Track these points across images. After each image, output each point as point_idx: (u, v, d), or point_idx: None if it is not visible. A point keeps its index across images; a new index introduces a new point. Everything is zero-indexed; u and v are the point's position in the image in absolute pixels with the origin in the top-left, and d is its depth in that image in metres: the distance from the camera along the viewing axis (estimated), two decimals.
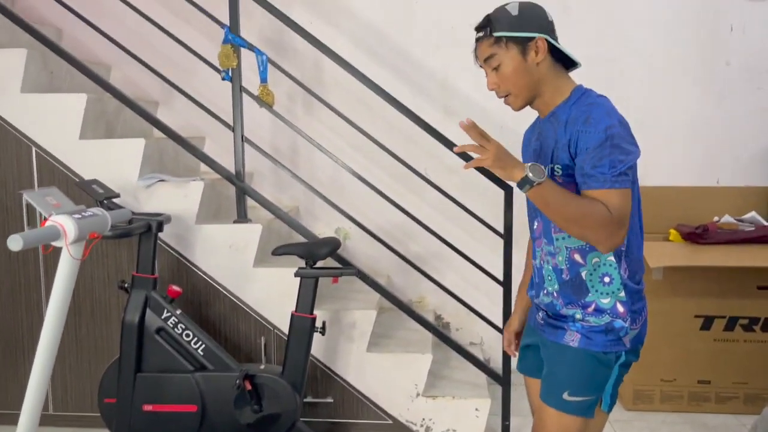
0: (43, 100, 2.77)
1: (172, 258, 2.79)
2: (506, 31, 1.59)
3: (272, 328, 2.79)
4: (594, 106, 1.56)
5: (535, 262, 1.73)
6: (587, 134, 1.52)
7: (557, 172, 1.59)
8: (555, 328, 1.68)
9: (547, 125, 1.66)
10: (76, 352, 2.87)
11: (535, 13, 1.63)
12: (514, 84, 1.62)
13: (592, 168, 1.50)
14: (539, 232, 1.70)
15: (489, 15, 1.65)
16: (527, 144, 1.79)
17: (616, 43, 3.36)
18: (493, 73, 1.63)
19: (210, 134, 3.43)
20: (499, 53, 1.60)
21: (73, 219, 1.79)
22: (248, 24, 3.20)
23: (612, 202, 1.49)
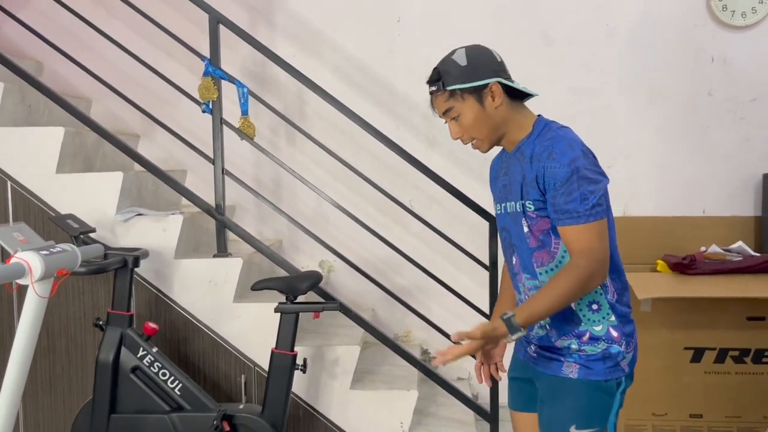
0: (20, 133, 2.72)
1: (150, 294, 2.72)
2: (459, 84, 1.61)
3: (253, 365, 2.71)
4: (556, 140, 1.57)
5: (520, 296, 1.71)
6: (553, 170, 1.53)
7: (529, 207, 1.60)
8: (549, 360, 1.66)
9: (513, 160, 1.67)
10: (50, 393, 2.77)
11: (484, 58, 1.65)
12: (477, 131, 1.64)
13: (565, 204, 1.53)
14: (518, 267, 1.69)
15: (438, 68, 1.66)
16: (495, 177, 1.79)
17: (599, 75, 3.37)
18: (454, 122, 1.65)
19: (192, 167, 3.39)
20: (456, 106, 1.62)
21: (39, 255, 1.73)
22: (231, 56, 3.19)
23: (583, 233, 1.52)
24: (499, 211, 1.74)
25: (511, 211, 1.66)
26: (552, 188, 1.54)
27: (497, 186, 1.75)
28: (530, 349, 1.72)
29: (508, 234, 1.69)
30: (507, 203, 1.68)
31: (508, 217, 1.68)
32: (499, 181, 1.74)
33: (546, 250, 1.62)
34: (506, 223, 1.70)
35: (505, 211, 1.70)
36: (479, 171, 3.33)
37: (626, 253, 3.24)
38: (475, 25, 3.38)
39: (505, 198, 1.69)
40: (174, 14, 3.21)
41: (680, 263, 3.05)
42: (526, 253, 1.64)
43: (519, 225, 1.64)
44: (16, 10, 3.18)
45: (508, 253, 1.74)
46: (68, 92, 3.32)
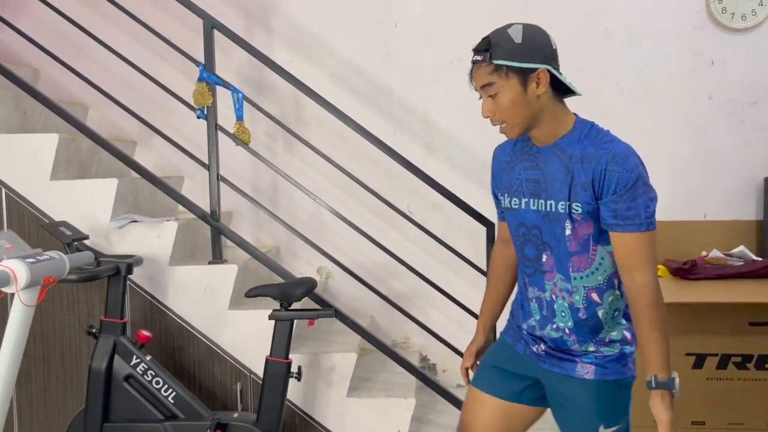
0: (14, 140, 2.72)
1: (144, 301, 2.71)
2: (508, 60, 1.50)
3: (248, 373, 2.69)
4: (615, 143, 1.53)
5: (545, 294, 1.63)
6: (616, 174, 1.48)
7: (576, 210, 1.53)
8: (561, 359, 1.63)
9: (549, 156, 1.57)
10: (44, 402, 2.75)
11: (540, 41, 1.54)
12: (512, 115, 1.54)
13: (627, 210, 1.48)
14: (550, 266, 1.61)
15: (489, 38, 1.54)
16: (505, 168, 1.69)
17: (597, 77, 3.34)
18: (489, 100, 1.54)
19: (189, 173, 3.38)
20: (498, 82, 1.51)
21: (25, 263, 1.70)
22: (227, 62, 3.19)
23: (645, 245, 1.51)
24: (516, 205, 1.63)
25: (548, 210, 1.57)
26: (613, 192, 1.48)
27: (513, 177, 1.64)
28: (539, 347, 1.68)
29: (539, 231, 1.60)
30: (537, 200, 1.59)
31: (538, 215, 1.59)
32: (516, 173, 1.64)
33: (585, 256, 1.57)
34: (533, 220, 1.61)
35: (529, 207, 1.61)
36: (478, 175, 3.32)
37: None
38: (473, 29, 3.34)
39: (534, 194, 1.60)
40: (170, 20, 3.21)
41: (681, 268, 3.01)
42: (564, 255, 1.57)
43: (559, 226, 1.56)
44: (14, 17, 3.17)
45: (530, 250, 1.63)
46: (65, 99, 3.31)
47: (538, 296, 1.65)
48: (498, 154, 1.74)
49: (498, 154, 1.74)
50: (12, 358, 1.77)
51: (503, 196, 1.68)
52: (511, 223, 1.68)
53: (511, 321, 1.80)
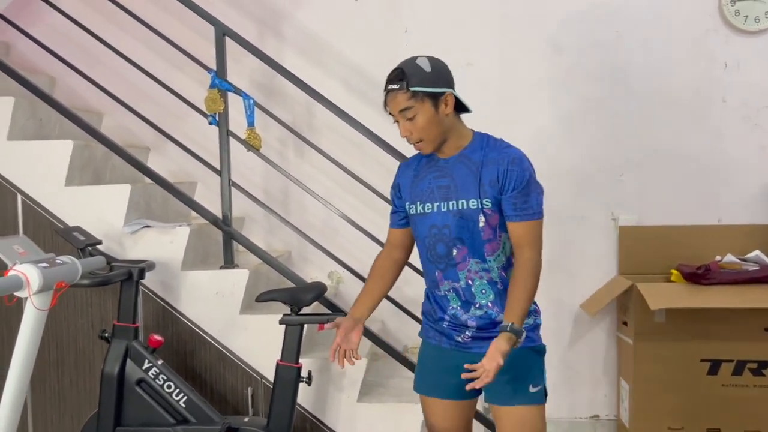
0: (29, 147, 2.76)
1: (157, 306, 2.73)
2: (422, 87, 1.79)
3: (260, 377, 2.69)
4: (512, 148, 1.86)
5: (459, 283, 1.88)
6: (515, 173, 1.81)
7: (486, 204, 1.83)
8: (486, 339, 1.84)
9: (456, 165, 1.87)
10: (58, 406, 2.78)
11: (444, 69, 1.87)
12: (428, 133, 1.82)
13: (524, 202, 1.81)
14: (461, 257, 1.87)
15: (403, 68, 1.83)
16: (413, 180, 1.94)
17: (608, 82, 3.33)
18: (408, 122, 1.82)
19: (202, 179, 3.40)
20: (415, 106, 1.80)
21: (37, 268, 1.73)
22: (238, 68, 3.21)
23: (534, 230, 1.84)
24: (429, 209, 1.89)
25: (460, 208, 1.85)
26: (512, 189, 1.81)
27: (423, 187, 1.91)
28: (464, 336, 1.91)
29: (448, 230, 1.86)
30: (448, 202, 1.86)
31: (449, 215, 1.86)
32: (425, 183, 1.91)
33: (495, 242, 1.87)
34: (444, 220, 1.87)
35: (440, 210, 1.87)
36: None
37: (639, 263, 3.26)
38: (483, 34, 3.37)
39: (445, 197, 1.87)
40: (183, 29, 3.23)
41: (695, 273, 2.98)
42: (479, 243, 1.85)
43: (472, 220, 1.84)
44: (30, 26, 3.23)
45: (440, 247, 1.88)
46: (80, 106, 3.36)
47: (453, 286, 1.90)
48: (403, 170, 2.02)
49: (403, 170, 2.02)
50: (25, 361, 1.79)
51: (414, 204, 1.93)
52: (422, 226, 1.92)
53: (426, 324, 2.03)
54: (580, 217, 3.35)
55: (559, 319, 3.38)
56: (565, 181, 3.32)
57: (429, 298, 2.01)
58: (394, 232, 2.07)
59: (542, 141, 3.33)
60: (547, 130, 3.35)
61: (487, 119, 3.37)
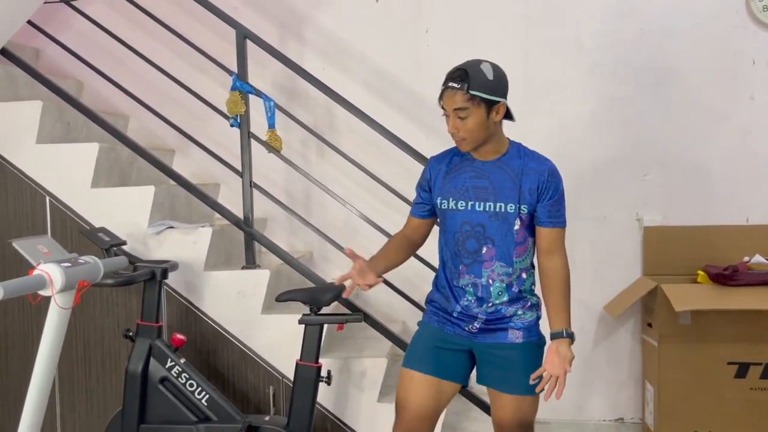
0: (57, 150, 2.82)
1: (180, 305, 2.77)
2: (482, 92, 1.88)
3: (281, 377, 2.72)
4: (549, 161, 2.00)
5: (481, 280, 1.99)
6: (554, 184, 1.96)
7: (523, 210, 1.95)
8: (493, 331, 2.00)
9: (494, 169, 1.98)
10: (86, 402, 2.84)
11: (505, 80, 1.96)
12: (474, 135, 1.92)
13: (557, 211, 1.98)
14: (489, 256, 1.98)
15: (467, 70, 1.91)
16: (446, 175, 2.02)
17: (632, 81, 3.28)
18: (459, 120, 1.90)
19: (225, 180, 3.44)
20: (470, 108, 1.88)
21: (60, 267, 1.77)
22: (262, 72, 3.24)
23: (563, 236, 2.01)
24: (463, 207, 1.98)
25: (497, 211, 1.96)
26: (549, 198, 1.96)
27: (458, 184, 2.00)
28: (472, 326, 2.01)
29: (482, 228, 1.97)
30: (485, 203, 1.96)
31: (484, 215, 1.96)
32: (460, 181, 2.00)
33: (524, 246, 2.01)
34: (478, 219, 1.97)
35: (475, 209, 1.97)
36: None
37: (665, 264, 3.20)
38: (505, 33, 3.35)
39: (481, 198, 1.97)
40: (207, 33, 3.29)
41: (721, 274, 2.93)
42: (511, 246, 1.97)
43: (508, 223, 1.96)
44: (59, 32, 3.31)
45: (471, 244, 1.98)
46: (107, 110, 3.43)
47: (474, 282, 2.00)
48: (435, 165, 2.08)
49: (434, 164, 2.08)
50: (50, 357, 1.84)
51: (446, 199, 2.01)
52: (453, 221, 2.01)
53: (433, 310, 2.11)
54: (604, 218, 3.31)
55: (583, 321, 3.34)
56: (588, 180, 3.29)
57: (442, 289, 2.08)
58: (415, 221, 2.16)
59: (565, 140, 3.30)
60: (571, 130, 3.32)
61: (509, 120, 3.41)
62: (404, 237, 2.20)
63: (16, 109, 2.86)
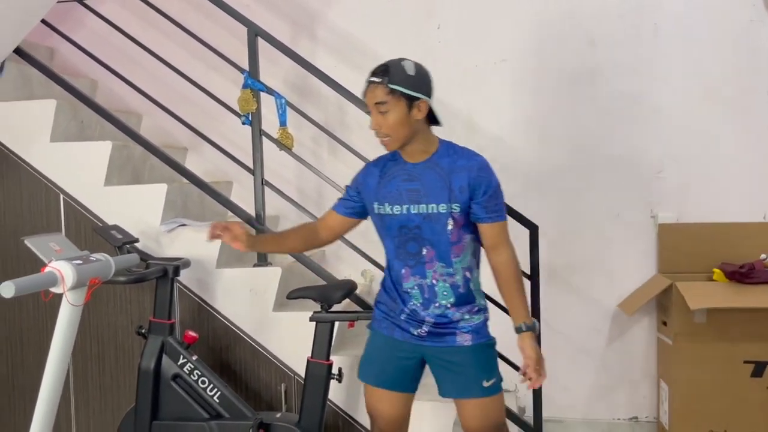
0: (71, 148, 2.85)
1: (193, 302, 2.78)
2: (402, 87, 1.87)
3: (293, 374, 2.72)
4: (479, 156, 1.97)
5: (426, 280, 1.98)
6: (484, 179, 1.93)
7: (455, 209, 1.93)
8: (441, 335, 1.99)
9: (424, 170, 1.96)
10: (99, 399, 2.86)
11: (427, 78, 1.95)
12: (395, 131, 1.91)
13: (495, 205, 1.95)
14: (430, 257, 1.97)
15: (388, 65, 1.92)
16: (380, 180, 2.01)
17: (646, 77, 3.24)
18: (380, 116, 1.90)
19: (237, 178, 3.45)
20: (390, 102, 1.88)
21: (71, 265, 1.78)
22: (273, 69, 3.24)
23: (505, 228, 1.99)
24: (398, 211, 1.97)
25: (429, 212, 1.94)
26: (483, 194, 1.92)
27: (392, 189, 1.99)
28: (420, 330, 2.01)
29: (419, 230, 1.96)
30: (418, 205, 1.95)
31: (419, 217, 1.95)
32: (394, 185, 1.99)
33: (461, 244, 1.98)
34: (414, 221, 1.96)
35: (410, 212, 1.96)
36: (524, 179, 3.28)
37: (680, 262, 3.17)
38: (517, 29, 3.33)
39: (415, 200, 1.95)
40: (218, 30, 3.30)
41: (737, 272, 2.89)
42: (446, 246, 1.95)
43: (441, 223, 1.94)
44: (73, 32, 3.34)
45: (412, 246, 1.97)
46: (120, 108, 3.45)
47: (420, 283, 1.99)
48: (371, 169, 2.08)
49: (371, 169, 2.08)
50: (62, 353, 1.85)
51: (382, 204, 2.00)
52: (391, 226, 2.00)
53: (382, 314, 2.09)
54: (617, 215, 3.27)
55: (596, 319, 3.31)
56: (602, 177, 3.26)
57: (390, 291, 2.08)
58: (334, 216, 2.17)
59: (579, 136, 3.28)
60: (584, 126, 3.29)
61: (521, 115, 3.39)
62: (313, 229, 2.20)
63: (31, 108, 2.89)
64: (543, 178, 3.31)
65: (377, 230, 2.08)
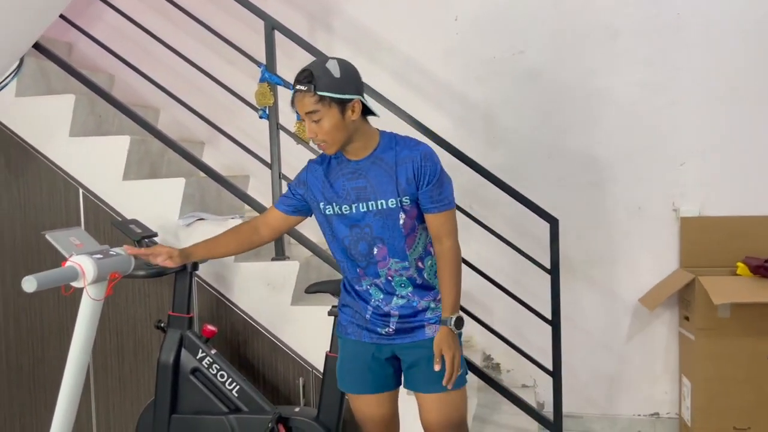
0: (89, 143, 2.86)
1: (211, 296, 2.78)
2: (330, 92, 1.79)
3: (311, 368, 2.71)
4: (421, 145, 1.90)
5: (380, 279, 1.93)
6: (429, 168, 1.86)
7: (405, 202, 1.88)
8: (410, 330, 1.94)
9: (370, 166, 1.90)
10: (119, 392, 2.88)
11: (355, 76, 1.87)
12: (332, 136, 1.84)
13: (439, 194, 1.89)
14: (382, 255, 1.91)
15: (311, 71, 1.82)
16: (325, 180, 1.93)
17: (668, 69, 3.18)
18: (314, 124, 1.83)
19: (254, 172, 3.44)
20: (321, 110, 1.80)
21: (92, 259, 1.78)
22: (290, 63, 3.18)
23: (451, 218, 1.93)
24: (347, 210, 1.91)
25: (380, 208, 1.88)
26: (428, 183, 1.86)
27: (338, 188, 1.92)
28: (388, 329, 1.96)
29: (370, 229, 1.90)
30: (366, 202, 1.89)
31: (369, 214, 1.89)
32: (339, 184, 1.92)
33: (414, 235, 1.92)
34: (365, 220, 1.90)
35: (359, 210, 1.90)
36: (542, 171, 3.24)
37: (703, 256, 3.13)
38: (535, 20, 3.28)
39: (363, 198, 1.89)
40: (235, 24, 3.28)
41: (762, 266, 2.84)
42: (400, 240, 1.90)
43: (392, 218, 1.89)
44: (91, 26, 3.33)
45: (363, 246, 1.91)
46: (138, 102, 3.45)
47: (374, 282, 1.95)
48: (314, 168, 1.99)
49: (314, 167, 1.99)
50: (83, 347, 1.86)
51: (330, 204, 1.93)
52: (341, 225, 1.93)
53: (347, 318, 2.04)
54: (638, 208, 3.23)
55: (617, 314, 3.28)
56: (622, 169, 3.23)
57: (350, 291, 2.03)
58: (276, 214, 2.06)
59: (597, 129, 3.24)
60: (603, 118, 3.25)
61: (539, 108, 3.36)
62: (251, 228, 2.10)
63: (50, 103, 2.90)
64: (562, 170, 3.28)
65: (323, 231, 2.01)
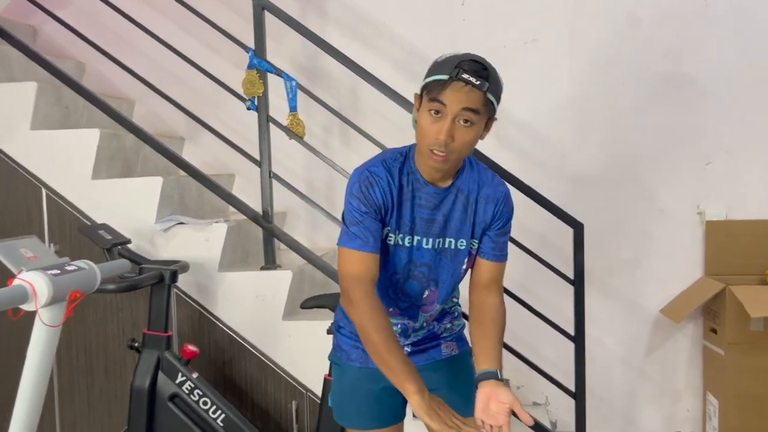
0: (53, 136, 2.58)
1: (192, 310, 2.51)
2: (497, 101, 1.49)
3: (305, 390, 2.46)
4: (503, 184, 1.63)
5: (415, 323, 1.69)
6: (506, 213, 1.62)
7: (473, 245, 1.62)
8: (426, 350, 1.73)
9: (449, 197, 1.58)
10: (87, 415, 2.59)
11: None
12: (464, 151, 1.50)
13: (503, 243, 1.64)
14: (431, 300, 1.66)
15: (488, 68, 1.45)
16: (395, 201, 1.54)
17: (693, 60, 2.96)
18: (461, 126, 1.45)
19: (240, 171, 3.18)
20: (481, 114, 1.45)
21: (46, 276, 1.46)
22: (279, 49, 2.96)
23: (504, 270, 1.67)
24: (410, 243, 1.59)
25: (445, 247, 1.60)
26: (499, 228, 1.61)
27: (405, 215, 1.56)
28: None
29: (427, 269, 1.61)
30: (435, 239, 1.59)
31: (431, 252, 1.60)
32: (406, 210, 1.56)
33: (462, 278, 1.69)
34: (424, 258, 1.61)
35: (421, 245, 1.59)
36: (558, 170, 3.02)
37: (730, 263, 2.89)
38: (550, 6, 3.04)
39: (428, 233, 1.58)
40: (220, 6, 3.01)
41: None
42: (452, 286, 1.66)
43: (457, 261, 1.62)
44: (58, 9, 3.03)
45: (412, 286, 1.62)
46: (110, 93, 3.17)
47: (406, 323, 1.69)
48: (382, 184, 1.55)
49: (382, 184, 1.55)
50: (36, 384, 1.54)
51: (393, 233, 1.58)
52: (396, 259, 1.60)
53: (348, 345, 1.72)
54: (660, 210, 3.02)
55: (636, 324, 3.06)
56: (642, 169, 3.01)
57: None
58: (374, 259, 1.54)
59: (616, 124, 3.03)
60: (622, 113, 3.02)
61: (554, 100, 3.11)
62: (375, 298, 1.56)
63: (9, 91, 2.61)
64: (578, 169, 3.04)
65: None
